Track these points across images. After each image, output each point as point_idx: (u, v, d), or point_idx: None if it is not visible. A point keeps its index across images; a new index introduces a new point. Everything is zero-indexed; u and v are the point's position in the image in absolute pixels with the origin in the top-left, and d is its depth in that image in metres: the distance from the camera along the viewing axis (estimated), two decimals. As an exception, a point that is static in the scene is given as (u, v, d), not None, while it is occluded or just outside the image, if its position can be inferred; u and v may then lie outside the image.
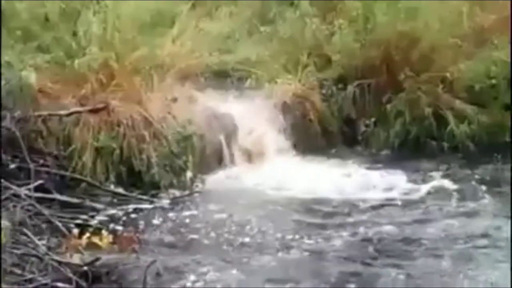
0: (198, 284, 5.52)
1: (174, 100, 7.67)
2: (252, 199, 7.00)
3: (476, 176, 7.43)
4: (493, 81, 8.05)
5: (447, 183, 7.24)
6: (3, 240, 5.13)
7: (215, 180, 7.36)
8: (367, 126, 8.15)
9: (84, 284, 5.39)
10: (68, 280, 5.35)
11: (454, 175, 7.46)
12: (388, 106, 8.09)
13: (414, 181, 7.31)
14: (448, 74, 8.06)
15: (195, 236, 6.29)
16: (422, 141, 8.00)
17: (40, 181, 6.50)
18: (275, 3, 8.89)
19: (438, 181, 7.29)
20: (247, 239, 6.21)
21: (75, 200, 6.69)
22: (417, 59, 8.17)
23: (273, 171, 7.49)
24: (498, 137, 8.08)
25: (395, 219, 6.53)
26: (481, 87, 8.05)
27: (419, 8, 8.24)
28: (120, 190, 7.01)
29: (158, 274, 5.58)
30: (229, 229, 6.36)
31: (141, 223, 6.55)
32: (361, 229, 6.35)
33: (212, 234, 6.31)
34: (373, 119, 8.15)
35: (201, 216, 6.67)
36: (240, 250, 6.04)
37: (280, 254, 5.97)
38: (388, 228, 6.33)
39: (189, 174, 7.24)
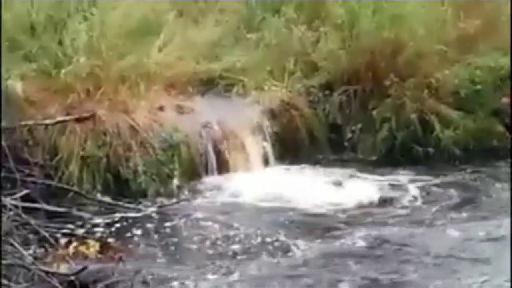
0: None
1: (161, 108, 7.69)
2: (239, 208, 7.02)
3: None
4: (478, 86, 8.10)
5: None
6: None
7: (202, 188, 7.38)
8: (353, 132, 8.17)
9: (71, 293, 5.40)
10: (55, 290, 5.35)
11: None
12: (374, 112, 8.12)
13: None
14: (433, 80, 8.10)
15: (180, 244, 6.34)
16: (408, 147, 8.03)
17: (26, 191, 6.48)
18: (261, 10, 8.90)
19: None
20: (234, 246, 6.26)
21: (62, 210, 6.68)
22: (402, 65, 8.20)
23: (260, 179, 7.50)
24: (484, 142, 8.12)
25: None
26: (466, 93, 8.10)
27: (404, 15, 8.28)
28: (107, 199, 7.01)
29: (145, 283, 5.58)
30: (215, 238, 6.41)
31: (128, 232, 6.56)
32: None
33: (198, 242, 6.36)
34: (359, 125, 8.17)
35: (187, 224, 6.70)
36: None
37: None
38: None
39: (176, 182, 7.25)
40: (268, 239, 6.37)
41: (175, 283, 5.68)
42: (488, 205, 7.10)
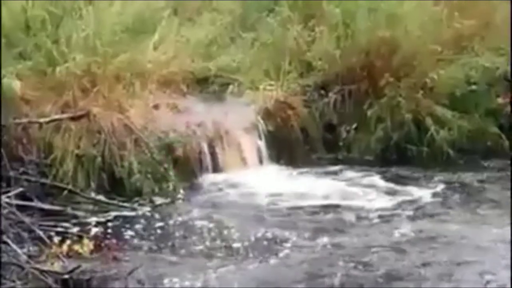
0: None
1: (156, 107, 7.68)
2: (234, 206, 7.02)
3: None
4: (473, 87, 8.11)
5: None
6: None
7: (197, 187, 7.38)
8: (348, 132, 8.18)
9: (65, 292, 5.39)
10: (49, 288, 5.34)
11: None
12: (369, 112, 8.12)
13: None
14: (428, 80, 8.10)
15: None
16: (403, 147, 8.04)
17: (20, 189, 6.47)
18: (257, 10, 8.89)
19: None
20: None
21: (56, 208, 6.66)
22: (397, 65, 8.21)
23: (255, 179, 7.49)
24: (478, 142, 8.13)
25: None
26: (461, 93, 8.11)
27: (399, 15, 8.29)
28: (102, 197, 7.00)
29: (139, 282, 5.57)
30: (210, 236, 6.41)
31: (123, 230, 6.55)
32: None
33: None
34: (354, 125, 8.17)
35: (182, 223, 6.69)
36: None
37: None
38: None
39: (171, 181, 7.24)
40: (265, 237, 6.37)
41: (169, 282, 5.66)
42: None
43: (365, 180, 7.54)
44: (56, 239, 6.00)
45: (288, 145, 8.07)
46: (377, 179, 7.57)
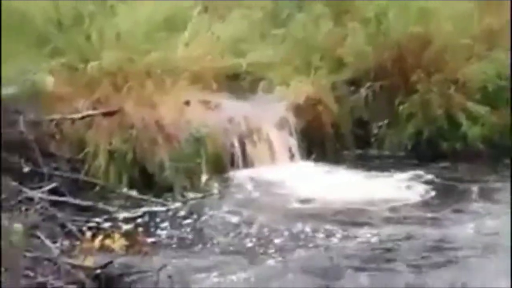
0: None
1: (187, 103, 7.71)
2: (266, 202, 7.02)
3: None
4: (504, 82, 8.04)
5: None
6: (19, 243, 5.18)
7: (228, 182, 7.40)
8: (379, 128, 8.15)
9: (96, 287, 5.42)
10: (81, 283, 5.37)
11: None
12: (401, 108, 8.08)
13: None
14: (460, 76, 8.05)
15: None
16: (435, 142, 7.99)
17: (53, 184, 6.53)
18: (287, 6, 8.89)
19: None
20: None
21: (88, 203, 6.71)
22: (429, 60, 8.16)
23: (286, 174, 7.49)
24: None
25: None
26: (493, 89, 8.04)
27: (431, 10, 8.24)
28: (133, 193, 7.04)
29: (170, 277, 5.60)
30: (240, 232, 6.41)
31: (154, 226, 6.59)
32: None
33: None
34: (385, 121, 8.14)
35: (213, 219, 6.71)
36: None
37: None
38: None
39: (202, 176, 7.27)
40: (297, 233, 6.36)
41: (200, 277, 5.68)
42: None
43: (398, 176, 7.48)
44: (88, 234, 6.05)
45: (319, 141, 8.07)
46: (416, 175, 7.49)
